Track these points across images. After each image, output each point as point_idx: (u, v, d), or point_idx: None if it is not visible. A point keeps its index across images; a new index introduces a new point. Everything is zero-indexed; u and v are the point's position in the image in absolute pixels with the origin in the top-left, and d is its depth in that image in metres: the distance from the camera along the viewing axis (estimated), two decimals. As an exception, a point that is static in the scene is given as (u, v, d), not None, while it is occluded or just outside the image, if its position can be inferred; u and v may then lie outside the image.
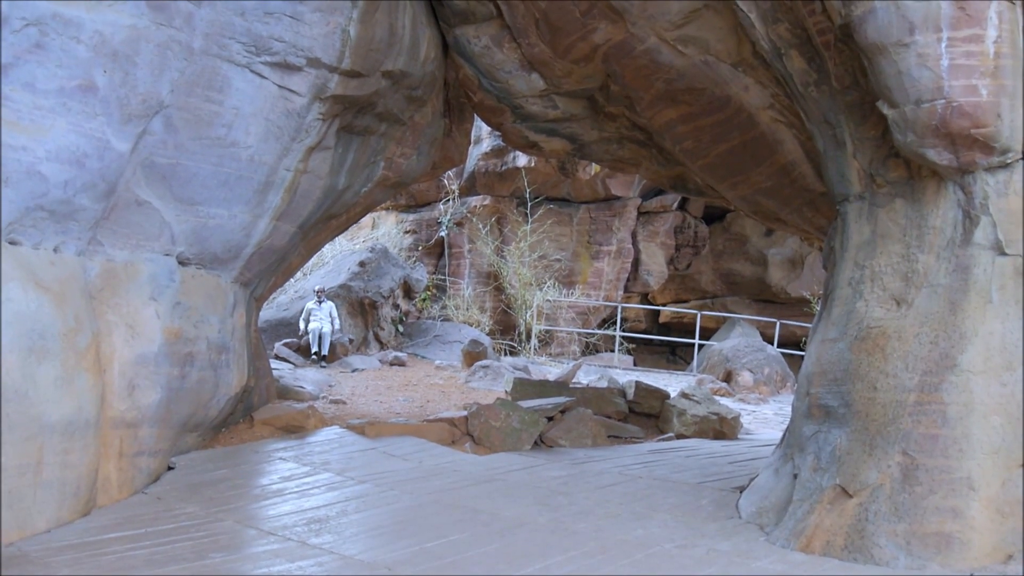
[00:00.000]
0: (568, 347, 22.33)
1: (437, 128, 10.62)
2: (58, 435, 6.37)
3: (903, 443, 5.85)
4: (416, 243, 23.05)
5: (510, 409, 10.16)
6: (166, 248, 7.64)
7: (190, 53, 7.21)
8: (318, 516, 6.78)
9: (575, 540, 6.27)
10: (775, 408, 16.02)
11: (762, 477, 7.57)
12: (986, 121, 5.66)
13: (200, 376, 8.01)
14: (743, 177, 9.01)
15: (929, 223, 6.18)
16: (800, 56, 6.92)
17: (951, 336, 5.89)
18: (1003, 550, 5.47)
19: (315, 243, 10.85)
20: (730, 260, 24.53)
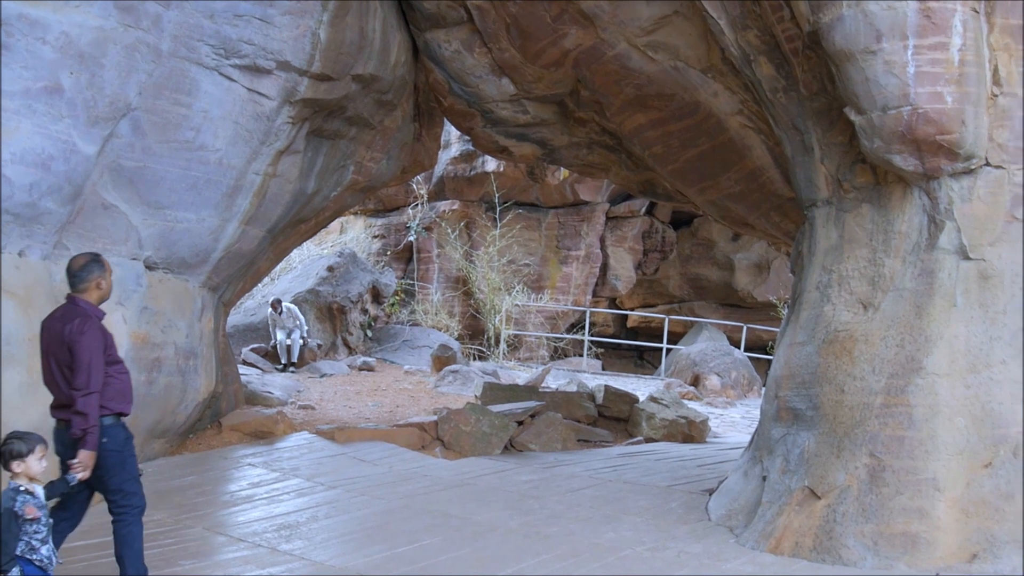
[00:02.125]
0: (537, 351, 22.35)
1: (407, 132, 10.60)
2: (23, 441, 6.27)
3: (870, 445, 5.92)
4: (385, 248, 22.97)
5: (480, 413, 10.15)
6: (133, 252, 7.57)
7: (158, 55, 7.15)
8: (288, 522, 6.74)
9: (546, 544, 6.28)
10: (742, 411, 16.13)
11: (731, 480, 7.62)
12: (951, 128, 5.75)
13: (167, 382, 7.94)
14: (712, 182, 9.08)
15: (895, 228, 6.27)
16: (769, 62, 6.99)
17: (917, 339, 5.97)
18: (968, 549, 5.55)
19: (284, 248, 10.79)
20: (697, 265, 24.68)
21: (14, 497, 4.35)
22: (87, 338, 4.75)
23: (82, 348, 4.72)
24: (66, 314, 4.88)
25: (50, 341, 4.87)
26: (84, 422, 4.67)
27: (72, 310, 4.90)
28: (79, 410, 4.67)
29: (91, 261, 5.03)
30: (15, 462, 4.39)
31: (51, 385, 4.90)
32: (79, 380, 4.69)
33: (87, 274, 4.96)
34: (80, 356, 4.71)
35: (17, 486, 4.40)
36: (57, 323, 4.86)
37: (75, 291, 4.97)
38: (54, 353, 4.83)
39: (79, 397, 4.67)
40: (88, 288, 4.96)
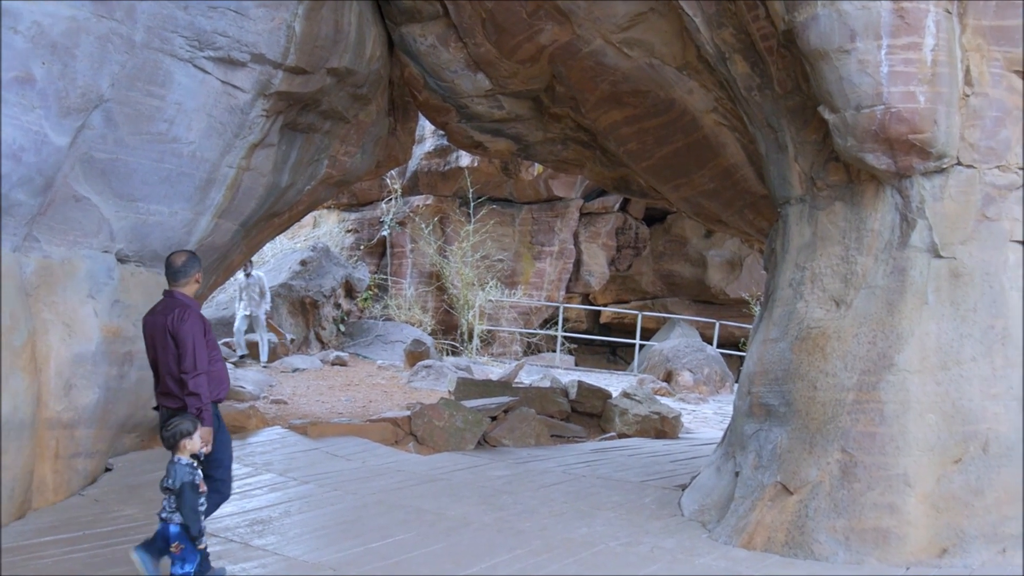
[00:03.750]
0: (510, 347, 22.37)
1: (381, 127, 10.56)
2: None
3: (842, 441, 5.97)
4: (358, 242, 22.89)
5: (453, 409, 10.15)
6: (105, 245, 7.49)
7: (131, 46, 7.07)
8: (261, 517, 6.71)
9: (520, 539, 6.29)
10: (715, 407, 16.23)
11: (704, 475, 7.67)
12: (923, 127, 5.81)
13: (139, 376, 7.85)
14: (686, 179, 9.11)
15: (868, 226, 6.33)
16: (744, 61, 7.03)
17: (888, 336, 6.03)
18: (938, 544, 5.61)
19: (257, 241, 10.72)
20: (670, 261, 24.80)
21: (190, 472, 4.82)
22: (188, 324, 5.16)
23: (185, 334, 5.14)
24: (167, 306, 5.29)
25: (155, 334, 5.26)
26: (198, 401, 5.09)
27: (172, 302, 5.31)
28: (192, 391, 5.09)
29: (190, 258, 5.46)
30: (185, 440, 4.84)
31: (158, 373, 5.29)
32: (186, 363, 5.11)
33: (189, 269, 5.40)
34: (184, 341, 5.13)
35: (189, 462, 4.86)
36: (160, 316, 5.26)
37: (174, 285, 5.39)
38: (161, 344, 5.22)
39: (189, 379, 5.09)
40: (188, 282, 5.40)
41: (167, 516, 4.81)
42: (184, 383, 5.10)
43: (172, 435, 4.86)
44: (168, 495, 4.81)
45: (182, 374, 5.11)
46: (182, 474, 4.78)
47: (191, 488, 4.78)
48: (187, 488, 4.76)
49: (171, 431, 4.87)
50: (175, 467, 4.81)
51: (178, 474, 4.78)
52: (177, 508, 4.77)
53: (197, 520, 4.78)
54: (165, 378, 5.22)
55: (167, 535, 4.80)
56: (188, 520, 4.75)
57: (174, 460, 4.85)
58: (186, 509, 4.75)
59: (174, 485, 4.77)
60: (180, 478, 4.76)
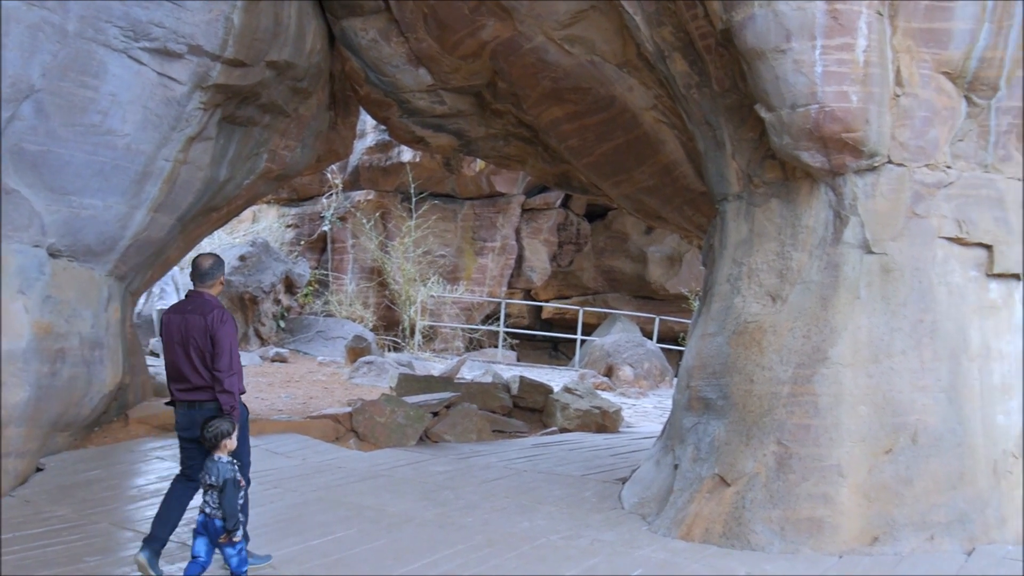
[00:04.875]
0: (452, 343, 22.35)
1: (322, 121, 10.47)
2: (-83, 435, 6.04)
3: (778, 433, 6.09)
4: (298, 237, 22.66)
5: (395, 405, 10.11)
6: (36, 239, 7.31)
7: (63, 36, 6.92)
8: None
9: (462, 534, 6.30)
10: (655, 402, 16.41)
11: (644, 468, 7.76)
12: (856, 126, 5.95)
13: (72, 373, 7.70)
14: (626, 176, 9.19)
15: (803, 222, 6.46)
16: (683, 59, 7.12)
17: (822, 330, 6.16)
18: (870, 533, 5.76)
19: (194, 236, 10.56)
20: (611, 257, 24.98)
21: (231, 469, 5.08)
22: (228, 326, 5.38)
23: (224, 335, 5.34)
24: (201, 306, 5.44)
25: (185, 331, 5.39)
26: (232, 399, 5.33)
27: (205, 303, 5.47)
28: (226, 389, 5.31)
29: (217, 260, 5.68)
30: (225, 440, 5.10)
31: (184, 369, 5.40)
32: (222, 363, 5.31)
33: (215, 272, 5.61)
34: (222, 342, 5.33)
35: (230, 459, 5.13)
36: (192, 315, 5.41)
37: (200, 286, 5.56)
38: (191, 341, 5.36)
39: (225, 377, 5.31)
40: (214, 284, 5.60)
41: (212, 512, 5.03)
42: (219, 380, 5.30)
43: (214, 435, 5.09)
44: (211, 491, 5.04)
45: (217, 372, 5.31)
46: (224, 471, 5.05)
47: (233, 484, 5.04)
48: (229, 484, 5.02)
49: (213, 432, 5.10)
50: (216, 465, 5.07)
51: (220, 471, 5.04)
52: (220, 503, 5.01)
53: (235, 514, 5.01)
54: (192, 374, 5.38)
55: (214, 529, 5.04)
56: (227, 513, 4.98)
57: (215, 458, 5.10)
58: (227, 503, 4.99)
59: (217, 482, 5.02)
60: (223, 475, 5.03)
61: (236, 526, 5.03)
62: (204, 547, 5.09)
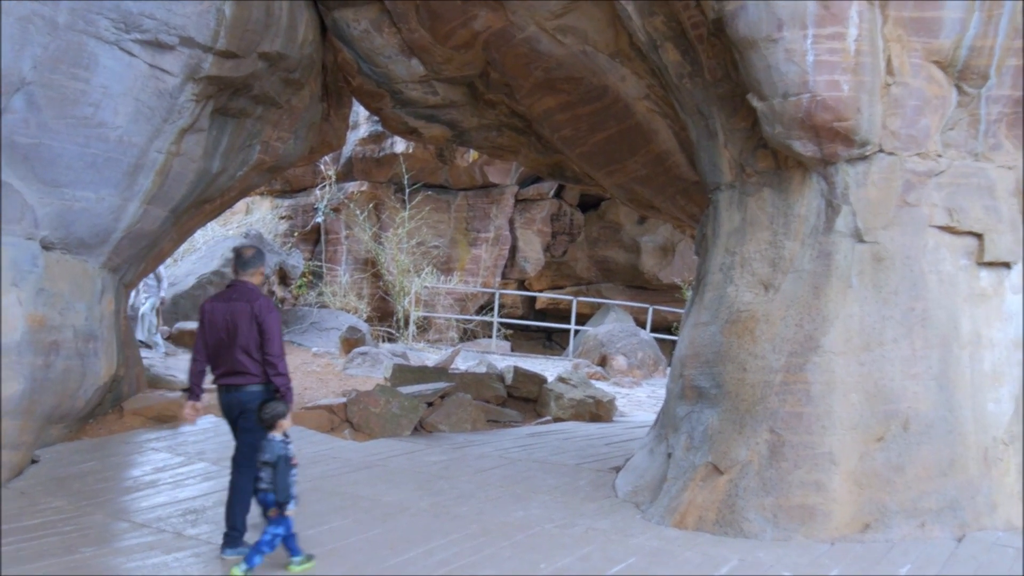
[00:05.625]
0: (446, 333, 22.35)
1: (315, 112, 10.45)
2: (-88, 428, 6.04)
3: (771, 421, 6.12)
4: (292, 229, 22.62)
5: (389, 395, 10.14)
6: (28, 232, 7.30)
7: (54, 28, 6.90)
8: (194, 507, 6.64)
9: (457, 523, 6.32)
10: (648, 391, 16.45)
11: (637, 457, 7.79)
12: (847, 115, 5.96)
13: (66, 365, 7.70)
14: (619, 166, 9.21)
15: (795, 211, 6.48)
16: (675, 49, 7.12)
17: (815, 319, 6.19)
18: (861, 520, 5.80)
19: (188, 228, 10.54)
20: (604, 247, 24.99)
21: (284, 447, 5.34)
22: (275, 314, 5.70)
23: (272, 321, 5.65)
24: (246, 294, 5.74)
25: (230, 318, 5.67)
26: (285, 381, 5.65)
27: (249, 291, 5.77)
28: (280, 372, 5.63)
29: (258, 251, 5.97)
30: (281, 420, 5.39)
31: (225, 355, 5.69)
32: (273, 348, 5.63)
33: (257, 262, 5.90)
34: (271, 328, 5.64)
35: (283, 438, 5.39)
36: (238, 303, 5.70)
37: (242, 275, 5.83)
38: (236, 326, 5.65)
39: (277, 361, 5.63)
40: (255, 274, 5.88)
41: (267, 487, 5.29)
42: (274, 365, 5.61)
43: (272, 416, 5.38)
44: (265, 468, 5.30)
45: (270, 356, 5.62)
46: (278, 449, 5.32)
47: (285, 461, 5.31)
48: (282, 461, 5.29)
49: (271, 413, 5.39)
50: (271, 443, 5.34)
51: (275, 449, 5.31)
52: (273, 479, 5.26)
53: (287, 489, 5.26)
54: (241, 359, 5.65)
55: (267, 502, 5.31)
56: (280, 488, 5.25)
57: (269, 437, 5.36)
58: (280, 479, 5.26)
59: (271, 459, 5.29)
60: (276, 452, 5.30)
61: (287, 500, 5.27)
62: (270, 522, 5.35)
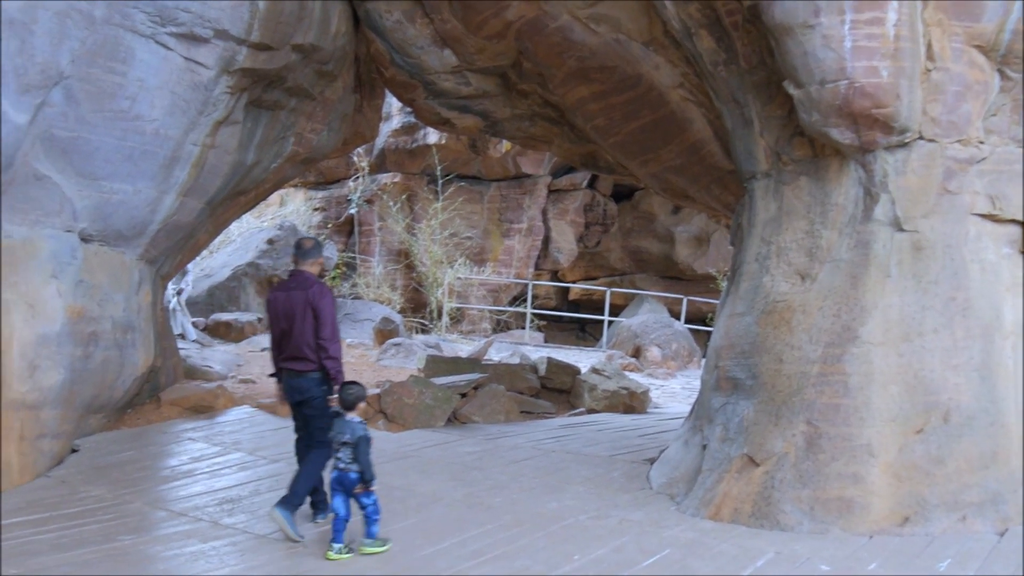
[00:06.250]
0: (479, 324, 22.38)
1: (348, 104, 10.47)
2: (-45, 418, 6.14)
3: (807, 413, 6.06)
4: (325, 221, 22.73)
5: (423, 386, 10.16)
6: (67, 224, 7.39)
7: (91, 22, 6.96)
8: (230, 496, 6.69)
9: (490, 514, 6.33)
10: (683, 382, 16.37)
11: (672, 449, 7.75)
12: (886, 101, 5.86)
13: (105, 356, 7.79)
14: (653, 155, 9.14)
15: (832, 200, 6.39)
16: (709, 36, 7.04)
17: (852, 309, 6.11)
18: (900, 513, 5.72)
19: (223, 220, 10.61)
20: (638, 238, 24.88)
21: (363, 428, 5.61)
22: (328, 299, 6.01)
23: (326, 307, 5.95)
24: (302, 282, 6.07)
25: (291, 305, 6.00)
26: (337, 364, 5.96)
27: (306, 279, 6.09)
28: (332, 355, 5.94)
29: (318, 243, 6.37)
30: (361, 403, 5.69)
31: (287, 341, 6.02)
32: (326, 332, 5.93)
33: (316, 253, 6.23)
34: (324, 313, 5.94)
35: (362, 420, 5.68)
36: (295, 291, 6.03)
37: (301, 264, 6.17)
38: (295, 314, 5.96)
39: (330, 345, 5.93)
40: (314, 264, 6.20)
41: (345, 466, 5.52)
42: (325, 348, 5.91)
43: (355, 398, 5.66)
44: (344, 448, 5.53)
45: (322, 340, 5.91)
46: (359, 430, 5.57)
47: (365, 441, 5.55)
48: (363, 441, 5.53)
49: (353, 394, 5.67)
50: (350, 424, 5.59)
51: (355, 430, 5.55)
52: (354, 459, 5.50)
53: (370, 465, 5.54)
54: (300, 345, 5.95)
55: (349, 481, 5.52)
56: (364, 467, 5.50)
57: (347, 419, 5.62)
58: (363, 458, 5.51)
59: (352, 439, 5.52)
60: (357, 433, 5.54)
61: (372, 476, 5.53)
62: (342, 502, 5.55)
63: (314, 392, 6.01)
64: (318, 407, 6.03)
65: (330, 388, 6.00)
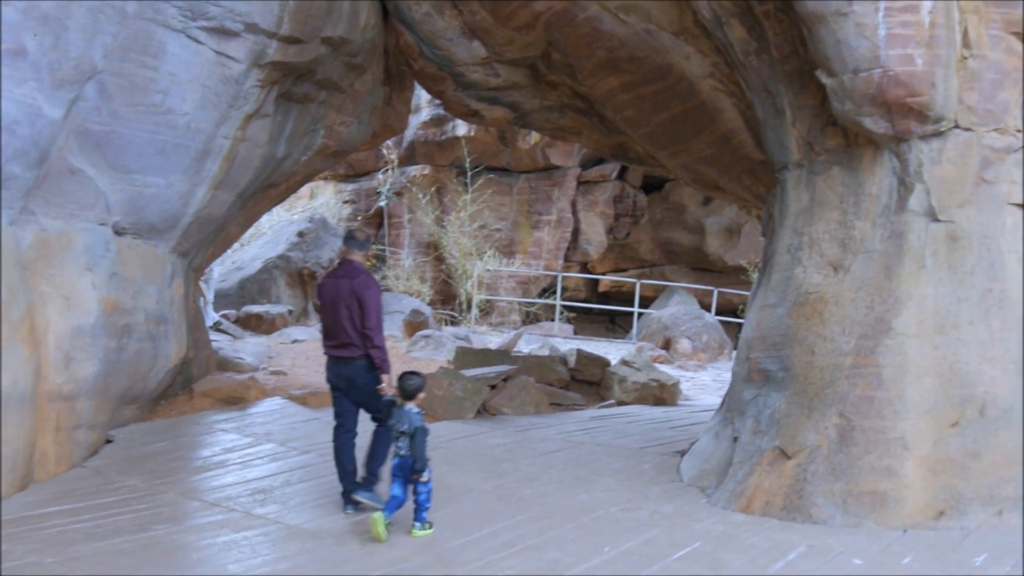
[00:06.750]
0: (509, 316, 22.36)
1: (377, 96, 10.50)
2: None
3: (840, 405, 6.00)
4: (355, 213, 22.80)
5: (453, 378, 10.17)
6: (101, 217, 7.47)
7: (123, 17, 7.02)
8: (262, 487, 6.75)
9: (521, 506, 6.33)
10: (713, 374, 16.28)
11: (702, 441, 7.71)
12: (921, 90, 5.78)
13: (138, 348, 7.87)
14: (684, 146, 9.08)
15: (865, 190, 6.31)
16: (741, 25, 6.98)
17: (886, 301, 6.04)
18: (935, 507, 5.66)
19: (254, 213, 10.69)
20: (668, 229, 24.73)
21: (421, 418, 5.73)
22: (374, 289, 6.16)
23: (371, 296, 6.09)
24: (350, 272, 6.25)
25: (338, 294, 6.16)
26: (382, 353, 6.11)
27: (354, 268, 6.28)
28: (376, 344, 6.08)
29: (368, 236, 6.55)
30: (420, 393, 5.84)
31: (334, 328, 6.19)
32: (371, 321, 6.07)
33: (366, 245, 6.45)
34: (369, 303, 6.07)
35: (420, 410, 5.80)
36: (343, 280, 6.19)
37: (352, 255, 6.37)
38: (342, 301, 6.12)
39: (374, 334, 6.06)
40: (364, 255, 6.42)
41: (405, 454, 5.67)
42: (370, 337, 6.04)
43: (414, 388, 5.81)
44: (402, 437, 5.67)
45: (367, 329, 6.05)
46: (415, 420, 5.69)
47: (422, 432, 5.68)
48: (419, 431, 5.66)
49: (413, 385, 5.82)
50: (408, 414, 5.72)
51: (412, 420, 5.67)
52: (411, 447, 5.63)
53: (424, 456, 5.65)
54: (348, 333, 6.10)
55: (408, 468, 5.67)
56: (418, 455, 5.63)
57: (406, 409, 5.75)
58: (418, 448, 5.63)
59: (409, 429, 5.65)
60: (414, 423, 5.66)
61: (424, 466, 5.65)
62: (400, 487, 5.69)
63: (361, 379, 6.18)
64: (367, 392, 6.21)
65: (376, 375, 6.15)
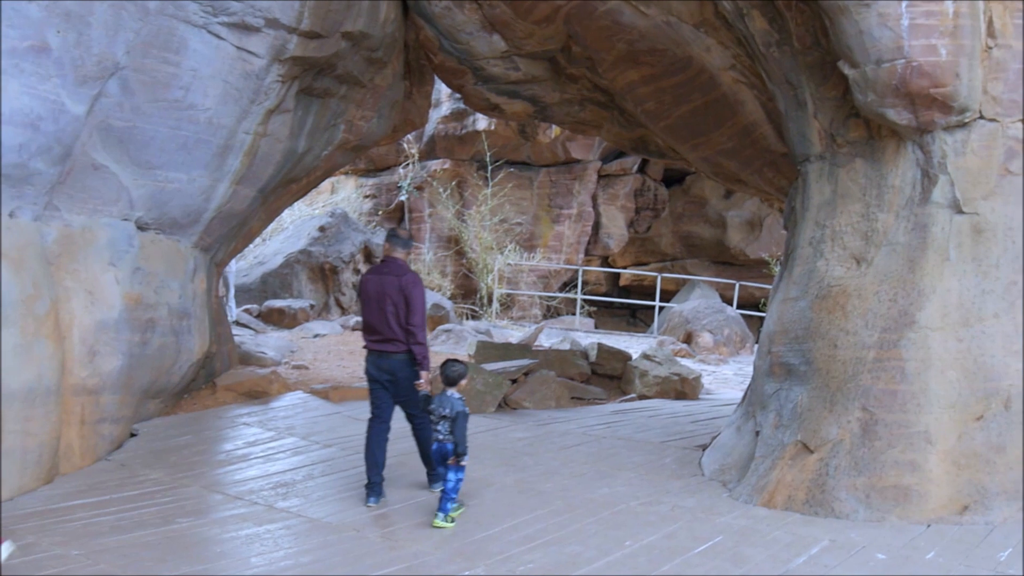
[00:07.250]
0: (529, 310, 22.37)
1: (397, 90, 10.51)
2: (18, 403, 6.29)
3: (863, 399, 5.96)
4: (376, 208, 22.87)
5: (473, 372, 10.17)
6: (124, 213, 7.52)
7: (145, 13, 7.05)
8: (284, 480, 6.78)
9: (542, 499, 6.33)
10: (735, 368, 16.22)
11: (724, 435, 7.68)
12: (945, 81, 5.72)
13: (161, 342, 7.93)
14: (704, 138, 9.03)
15: (888, 182, 6.26)
16: (762, 16, 6.93)
17: (910, 293, 5.99)
18: (959, 501, 5.61)
19: (275, 208, 10.73)
20: (689, 223, 24.66)
21: (462, 403, 5.90)
22: (419, 288, 6.29)
23: (417, 294, 6.25)
24: (396, 269, 6.37)
25: (382, 289, 6.28)
26: (423, 350, 6.27)
27: (399, 266, 6.40)
28: (419, 341, 6.24)
29: (410, 236, 6.76)
30: (462, 380, 6.01)
31: (378, 323, 6.30)
32: (415, 319, 6.22)
33: (409, 243, 6.63)
34: (415, 300, 6.23)
35: (461, 396, 5.97)
36: (388, 276, 6.32)
37: (395, 253, 6.44)
38: (388, 298, 6.25)
39: (417, 331, 6.22)
40: (406, 253, 6.54)
41: (444, 438, 5.85)
42: (413, 334, 6.21)
43: (457, 375, 5.99)
44: (443, 421, 5.85)
45: (411, 326, 6.20)
46: (458, 405, 5.87)
47: (464, 415, 5.84)
48: (461, 415, 5.83)
49: (456, 372, 5.99)
50: (450, 399, 5.90)
51: (454, 405, 5.86)
52: (451, 431, 5.80)
53: (465, 440, 5.80)
54: (385, 328, 6.25)
55: (446, 452, 5.85)
56: (459, 439, 5.78)
57: (447, 394, 5.93)
58: (459, 431, 5.79)
59: (451, 413, 5.83)
60: (455, 408, 5.84)
61: (465, 450, 5.79)
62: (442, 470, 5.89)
63: (402, 372, 6.31)
64: (406, 387, 6.35)
65: (416, 371, 6.30)
